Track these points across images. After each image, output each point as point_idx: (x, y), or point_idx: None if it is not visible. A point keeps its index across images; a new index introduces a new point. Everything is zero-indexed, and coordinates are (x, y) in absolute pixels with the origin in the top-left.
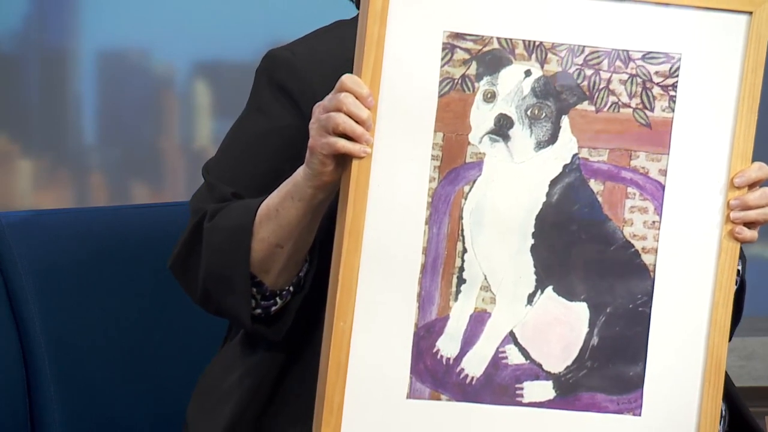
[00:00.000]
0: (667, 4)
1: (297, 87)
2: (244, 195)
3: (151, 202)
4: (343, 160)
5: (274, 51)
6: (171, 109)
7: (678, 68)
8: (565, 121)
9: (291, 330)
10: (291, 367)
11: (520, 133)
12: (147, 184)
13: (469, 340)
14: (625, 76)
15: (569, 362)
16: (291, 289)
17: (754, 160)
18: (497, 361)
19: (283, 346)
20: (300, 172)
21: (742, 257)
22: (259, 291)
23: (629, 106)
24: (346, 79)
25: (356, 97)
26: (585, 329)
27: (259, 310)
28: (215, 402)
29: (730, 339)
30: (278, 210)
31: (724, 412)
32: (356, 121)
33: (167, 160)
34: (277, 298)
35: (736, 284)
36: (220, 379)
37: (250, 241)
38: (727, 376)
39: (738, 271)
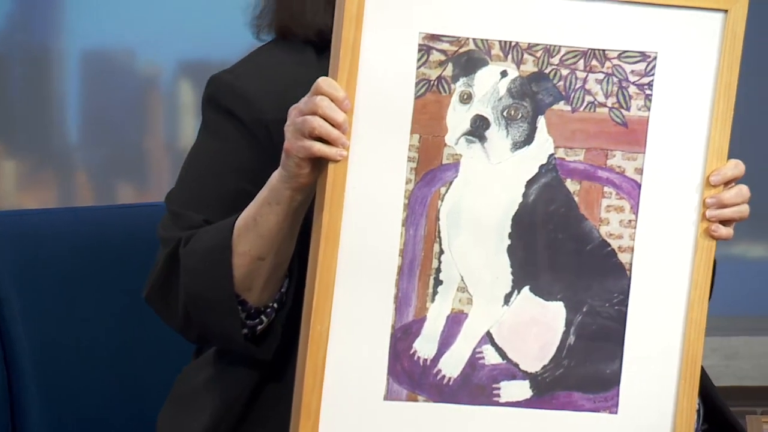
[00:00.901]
0: (642, 3)
1: (242, 108)
2: (213, 219)
3: (136, 202)
4: (319, 163)
5: (216, 75)
6: (156, 108)
7: (654, 67)
8: (541, 121)
9: None
10: (266, 384)
11: (496, 133)
12: (132, 184)
13: (446, 341)
14: (601, 76)
15: (546, 362)
16: (275, 306)
17: (729, 158)
18: (474, 362)
19: (257, 363)
20: (276, 175)
21: None
22: (244, 309)
23: (605, 106)
24: (322, 82)
25: (332, 100)
26: (562, 328)
27: (245, 330)
28: (188, 411)
29: None
30: (256, 219)
31: (699, 407)
32: (332, 125)
33: (152, 160)
34: (262, 316)
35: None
36: (194, 389)
37: (231, 257)
38: (704, 372)
39: None
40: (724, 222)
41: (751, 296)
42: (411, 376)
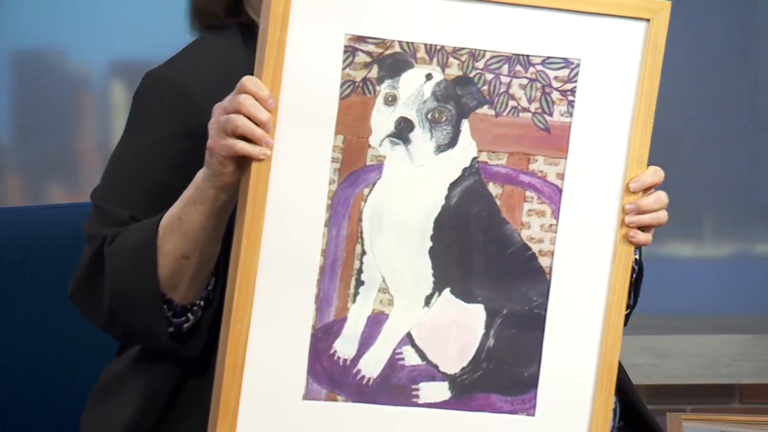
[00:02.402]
0: (566, 10)
1: (179, 100)
2: (139, 215)
3: (66, 202)
4: (243, 162)
5: (152, 71)
6: (87, 109)
7: (577, 74)
8: (465, 125)
9: None
10: (190, 378)
11: (420, 136)
12: (63, 185)
13: (366, 342)
14: (524, 81)
15: (465, 363)
16: (201, 304)
17: (649, 165)
18: (394, 363)
19: (181, 358)
20: (200, 174)
21: (639, 248)
22: (170, 308)
23: (528, 111)
24: (247, 80)
25: (256, 99)
26: (481, 331)
27: (171, 329)
28: (111, 409)
29: (625, 324)
30: (181, 218)
31: (615, 405)
32: (256, 123)
33: (83, 160)
34: (189, 314)
35: (633, 272)
36: (116, 386)
37: (155, 257)
38: (622, 370)
39: (636, 259)
40: (643, 228)
41: (680, 296)
42: (331, 376)
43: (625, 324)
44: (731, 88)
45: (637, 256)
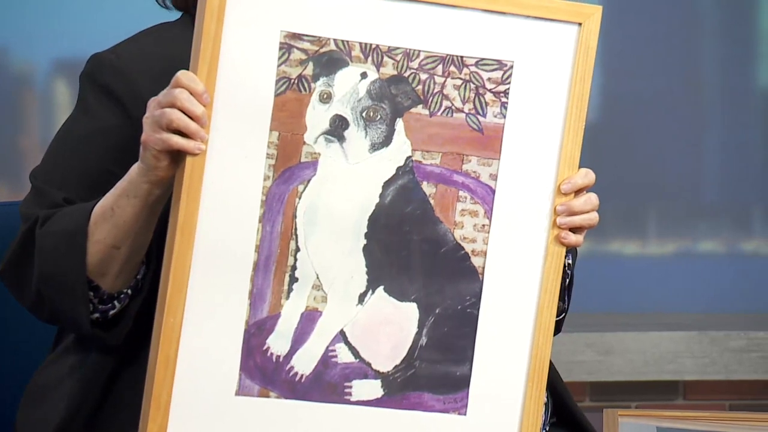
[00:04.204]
0: (500, 12)
1: (122, 88)
2: (75, 199)
3: (9, 200)
4: (177, 156)
5: (97, 54)
6: (31, 107)
7: (510, 75)
8: (399, 123)
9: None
10: (124, 369)
11: (355, 134)
12: (6, 184)
13: (299, 338)
14: (458, 82)
15: (398, 362)
16: (129, 292)
17: (580, 167)
18: (327, 360)
19: (115, 349)
20: (135, 168)
21: (573, 252)
22: (97, 295)
23: (462, 111)
24: (182, 75)
25: (191, 93)
26: (414, 329)
27: (97, 315)
28: (44, 407)
29: (559, 331)
30: (113, 209)
31: (546, 400)
32: (191, 117)
33: (27, 159)
34: (115, 302)
35: (567, 276)
36: (49, 384)
37: (85, 243)
38: (553, 367)
39: (569, 264)
40: (574, 229)
41: (625, 293)
42: (264, 372)
43: (560, 329)
44: (675, 87)
45: (570, 261)
